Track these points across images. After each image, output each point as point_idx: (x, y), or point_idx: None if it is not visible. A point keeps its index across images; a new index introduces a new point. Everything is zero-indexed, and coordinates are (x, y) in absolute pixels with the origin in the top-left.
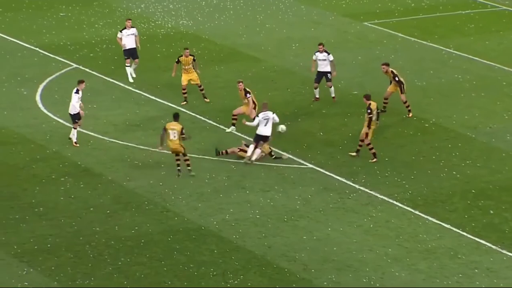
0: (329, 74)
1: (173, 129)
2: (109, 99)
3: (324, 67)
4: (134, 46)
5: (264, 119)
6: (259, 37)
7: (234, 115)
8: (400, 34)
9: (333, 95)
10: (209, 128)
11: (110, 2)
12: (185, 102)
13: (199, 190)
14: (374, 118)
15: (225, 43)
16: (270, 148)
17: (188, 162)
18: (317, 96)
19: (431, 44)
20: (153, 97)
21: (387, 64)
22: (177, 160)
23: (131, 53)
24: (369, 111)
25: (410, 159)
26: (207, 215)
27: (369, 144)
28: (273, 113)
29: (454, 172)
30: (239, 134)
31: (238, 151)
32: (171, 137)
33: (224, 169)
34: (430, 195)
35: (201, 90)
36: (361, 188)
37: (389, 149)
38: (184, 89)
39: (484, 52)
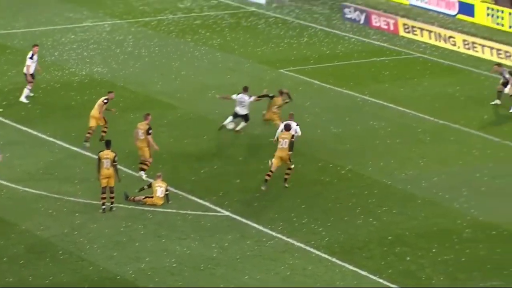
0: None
1: (107, 157)
2: (23, 147)
3: (243, 110)
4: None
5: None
6: (174, 84)
7: (143, 162)
8: (315, 81)
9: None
10: (124, 175)
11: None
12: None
13: (114, 239)
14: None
15: (140, 90)
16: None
17: (113, 200)
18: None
19: (346, 91)
20: (67, 145)
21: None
22: (103, 198)
23: (34, 77)
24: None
25: (327, 206)
26: (123, 264)
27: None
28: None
29: (370, 219)
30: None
31: (143, 198)
32: (105, 165)
33: (140, 217)
34: (346, 242)
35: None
36: (278, 235)
37: (306, 196)
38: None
39: (399, 99)
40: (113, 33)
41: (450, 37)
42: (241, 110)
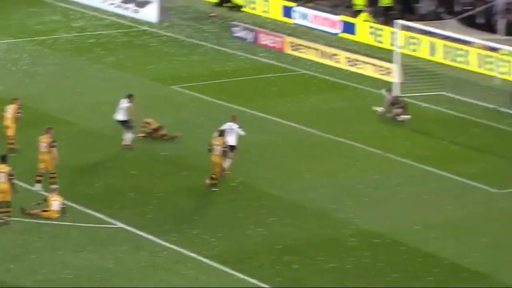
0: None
1: (2, 172)
2: None
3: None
4: None
5: (229, 129)
6: (70, 101)
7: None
8: (206, 97)
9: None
10: (21, 189)
11: None
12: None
13: (11, 252)
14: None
15: (36, 107)
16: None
17: (9, 214)
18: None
19: (236, 106)
20: None
21: None
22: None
23: None
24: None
25: (219, 217)
26: (19, 276)
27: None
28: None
29: (261, 229)
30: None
31: (40, 212)
32: (1, 180)
33: (36, 230)
34: (238, 252)
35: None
36: (172, 246)
37: (198, 208)
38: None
39: (287, 114)
40: (9, 51)
41: (334, 54)
42: (118, 115)
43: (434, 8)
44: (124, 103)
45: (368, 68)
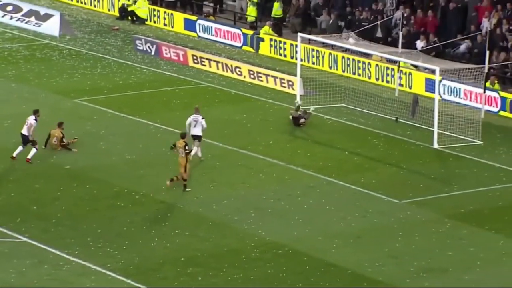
0: None
1: None
2: None
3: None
4: None
5: (194, 121)
6: None
7: None
8: (110, 110)
9: None
10: None
11: None
12: None
13: None
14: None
15: None
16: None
17: None
18: None
19: (139, 119)
20: None
21: None
22: None
23: None
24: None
25: (122, 230)
26: None
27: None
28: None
29: (164, 241)
30: None
31: None
32: None
33: None
34: (141, 264)
35: None
36: (75, 259)
37: (102, 221)
38: None
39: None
40: None
41: (236, 67)
42: (23, 130)
43: (334, 21)
44: (31, 119)
45: (270, 80)
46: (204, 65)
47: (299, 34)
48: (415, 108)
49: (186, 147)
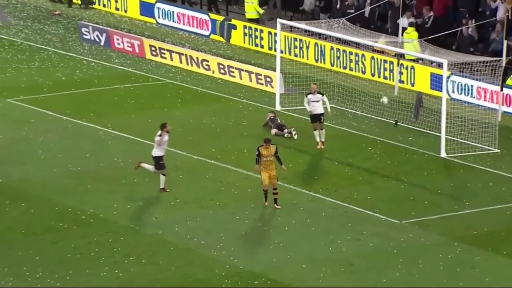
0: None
1: None
2: None
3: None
4: None
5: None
6: None
7: None
8: (50, 112)
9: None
10: None
11: None
12: None
13: None
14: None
15: None
16: None
17: None
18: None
19: (86, 123)
20: None
21: None
22: None
23: None
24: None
25: (65, 256)
26: None
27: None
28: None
29: (116, 271)
30: None
31: None
32: None
33: None
34: None
35: None
36: None
37: (40, 246)
38: None
39: (147, 131)
40: None
41: (203, 60)
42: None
43: (318, 4)
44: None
45: (244, 76)
46: (165, 58)
47: (279, 20)
48: (419, 109)
49: (277, 151)
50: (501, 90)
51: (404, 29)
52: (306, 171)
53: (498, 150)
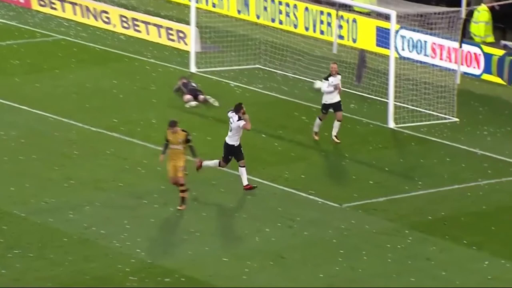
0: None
1: None
2: None
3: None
4: None
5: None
6: None
7: None
8: None
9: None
10: None
11: None
12: None
13: None
14: None
15: None
16: None
17: None
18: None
19: None
20: None
21: None
22: None
23: None
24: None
25: None
26: None
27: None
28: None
29: None
30: None
31: None
32: None
33: None
34: None
35: None
36: None
37: None
38: None
39: (35, 97)
40: None
41: (102, 12)
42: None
43: None
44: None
45: (152, 31)
46: (55, 9)
47: None
48: (362, 70)
49: (189, 138)
50: (460, 46)
51: None
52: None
53: (457, 119)
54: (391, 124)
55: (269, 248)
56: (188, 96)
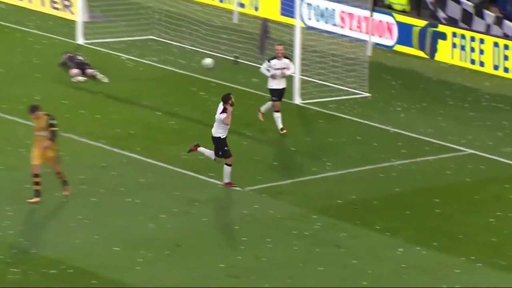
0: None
1: None
2: None
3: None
4: None
5: None
6: None
7: None
8: None
9: None
10: None
11: None
12: None
13: None
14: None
15: None
16: None
17: None
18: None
19: None
20: None
21: None
22: None
23: None
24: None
25: None
26: None
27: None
28: None
29: None
30: None
31: None
32: None
33: None
34: None
35: None
36: None
37: None
38: None
39: None
40: None
41: None
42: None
43: None
44: None
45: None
46: None
47: None
48: (265, 41)
49: (52, 122)
50: (371, 15)
51: None
52: (118, 124)
53: (368, 94)
54: (297, 100)
55: (164, 236)
56: (75, 71)
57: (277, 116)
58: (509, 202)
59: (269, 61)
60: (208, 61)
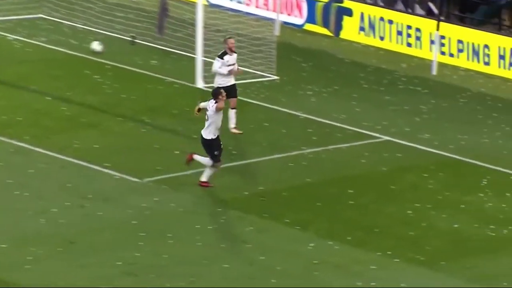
0: None
1: None
2: None
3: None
4: None
5: None
6: None
7: None
8: None
9: None
10: None
11: None
12: None
13: None
14: None
15: None
16: None
17: None
18: None
19: None
20: None
21: None
22: None
23: None
24: None
25: None
26: None
27: None
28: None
29: None
30: None
31: None
32: None
33: None
34: None
35: None
36: None
37: None
38: None
39: None
40: None
41: None
42: None
43: None
44: None
45: None
46: None
47: None
48: (163, 20)
49: None
50: None
51: None
52: (4, 111)
53: (277, 77)
54: (200, 84)
55: (56, 232)
56: None
57: (234, 113)
58: (427, 192)
59: (222, 58)
60: (96, 45)
